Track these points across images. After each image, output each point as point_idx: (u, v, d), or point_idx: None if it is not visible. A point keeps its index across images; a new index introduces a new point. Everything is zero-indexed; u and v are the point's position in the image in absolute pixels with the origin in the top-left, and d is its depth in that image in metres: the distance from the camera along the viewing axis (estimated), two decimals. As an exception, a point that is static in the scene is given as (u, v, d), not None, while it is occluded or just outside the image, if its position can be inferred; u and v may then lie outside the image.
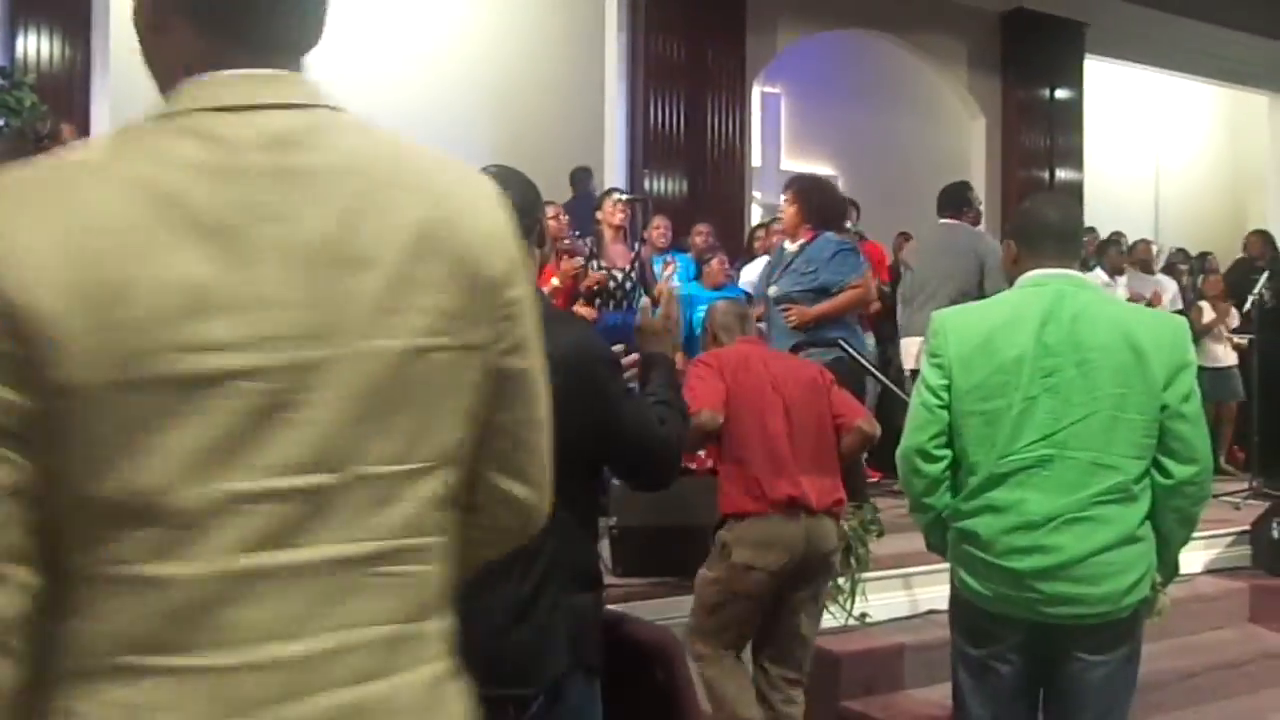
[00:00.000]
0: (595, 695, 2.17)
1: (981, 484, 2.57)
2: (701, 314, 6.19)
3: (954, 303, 5.43)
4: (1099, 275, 8.11)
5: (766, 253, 6.88)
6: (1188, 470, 2.51)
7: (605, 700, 2.20)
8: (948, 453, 2.63)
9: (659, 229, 6.89)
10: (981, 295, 5.59)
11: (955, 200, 6.18)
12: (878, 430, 3.85)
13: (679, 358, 3.11)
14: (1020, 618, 2.58)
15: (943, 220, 6.15)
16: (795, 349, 4.99)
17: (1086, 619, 2.52)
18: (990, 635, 2.63)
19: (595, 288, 5.81)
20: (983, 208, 6.63)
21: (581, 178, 7.96)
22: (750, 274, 7.01)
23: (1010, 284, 2.79)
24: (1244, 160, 14.05)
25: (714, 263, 6.65)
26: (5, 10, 6.93)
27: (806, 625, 3.61)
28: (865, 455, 6.35)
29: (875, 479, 6.47)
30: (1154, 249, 9.26)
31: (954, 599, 2.74)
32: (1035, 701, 2.67)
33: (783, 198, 5.32)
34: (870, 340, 7.24)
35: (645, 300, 2.53)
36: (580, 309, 5.68)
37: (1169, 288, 8.72)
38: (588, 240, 6.09)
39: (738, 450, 3.52)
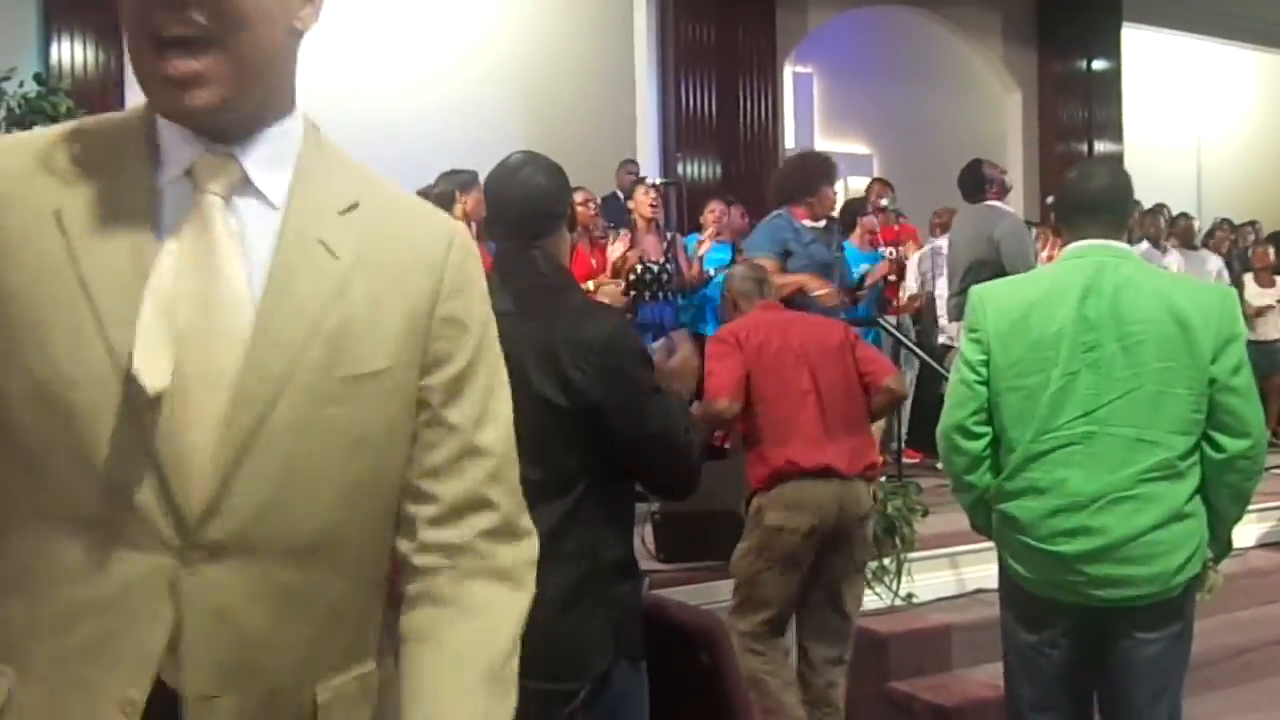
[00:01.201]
0: (641, 681, 2.17)
1: (1020, 462, 2.54)
2: None
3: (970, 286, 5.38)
4: (1151, 252, 7.89)
5: None
6: (1241, 444, 2.46)
7: (651, 685, 2.20)
8: (988, 430, 2.60)
9: (713, 212, 6.84)
10: (1003, 274, 5.55)
11: (972, 182, 6.12)
12: (905, 388, 3.80)
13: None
14: (1069, 602, 2.54)
15: (970, 204, 6.13)
16: None
17: (1136, 600, 2.49)
18: (1040, 621, 2.59)
19: (631, 276, 5.79)
20: (1009, 178, 6.51)
21: (628, 170, 7.92)
22: None
23: (1032, 258, 2.76)
24: (1290, 130, 13.78)
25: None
26: (40, 17, 7.01)
27: (848, 599, 3.58)
28: (905, 437, 6.35)
29: (915, 460, 6.43)
30: (1195, 225, 9.10)
31: (1004, 583, 2.71)
32: (1086, 681, 2.64)
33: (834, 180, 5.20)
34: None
35: (662, 342, 2.52)
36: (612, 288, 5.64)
37: (1213, 264, 8.56)
38: (622, 231, 6.07)
39: (766, 429, 3.50)
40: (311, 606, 1.07)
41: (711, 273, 6.24)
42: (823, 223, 5.09)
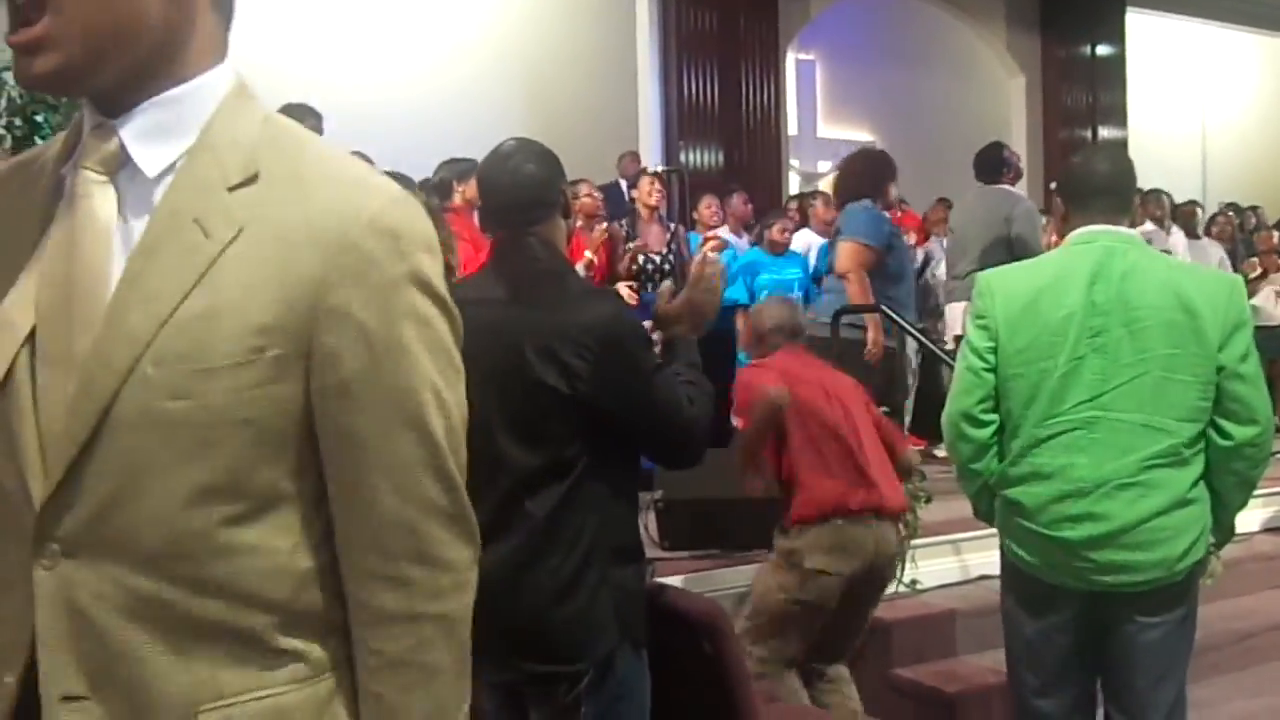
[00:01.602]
0: (644, 668, 2.17)
1: (1025, 447, 2.53)
2: (766, 279, 6.15)
3: (982, 268, 5.39)
4: (1155, 233, 7.80)
5: (827, 224, 6.82)
6: (1248, 432, 2.45)
7: (653, 672, 2.20)
8: (995, 417, 2.59)
9: (709, 207, 6.83)
10: (1013, 259, 5.53)
11: (991, 164, 6.10)
12: (917, 460, 3.89)
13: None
14: (1074, 588, 2.54)
15: (982, 185, 6.10)
16: (837, 316, 4.98)
17: (1141, 585, 2.48)
18: (1044, 607, 2.59)
19: (634, 267, 5.80)
20: (1023, 164, 6.51)
21: (631, 158, 7.89)
22: (798, 245, 6.95)
23: (1043, 243, 2.74)
24: (1295, 113, 13.72)
25: (775, 230, 6.58)
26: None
27: (858, 632, 3.64)
28: (909, 425, 6.35)
29: (920, 446, 6.42)
30: (1199, 213, 9.05)
31: (1005, 568, 2.71)
32: (1089, 666, 2.64)
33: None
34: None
35: (665, 284, 2.49)
36: (623, 289, 5.68)
37: (1214, 255, 8.50)
38: (622, 222, 6.07)
39: (809, 456, 3.41)
40: (178, 622, 0.98)
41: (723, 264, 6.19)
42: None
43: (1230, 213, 9.40)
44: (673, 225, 6.17)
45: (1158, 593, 2.50)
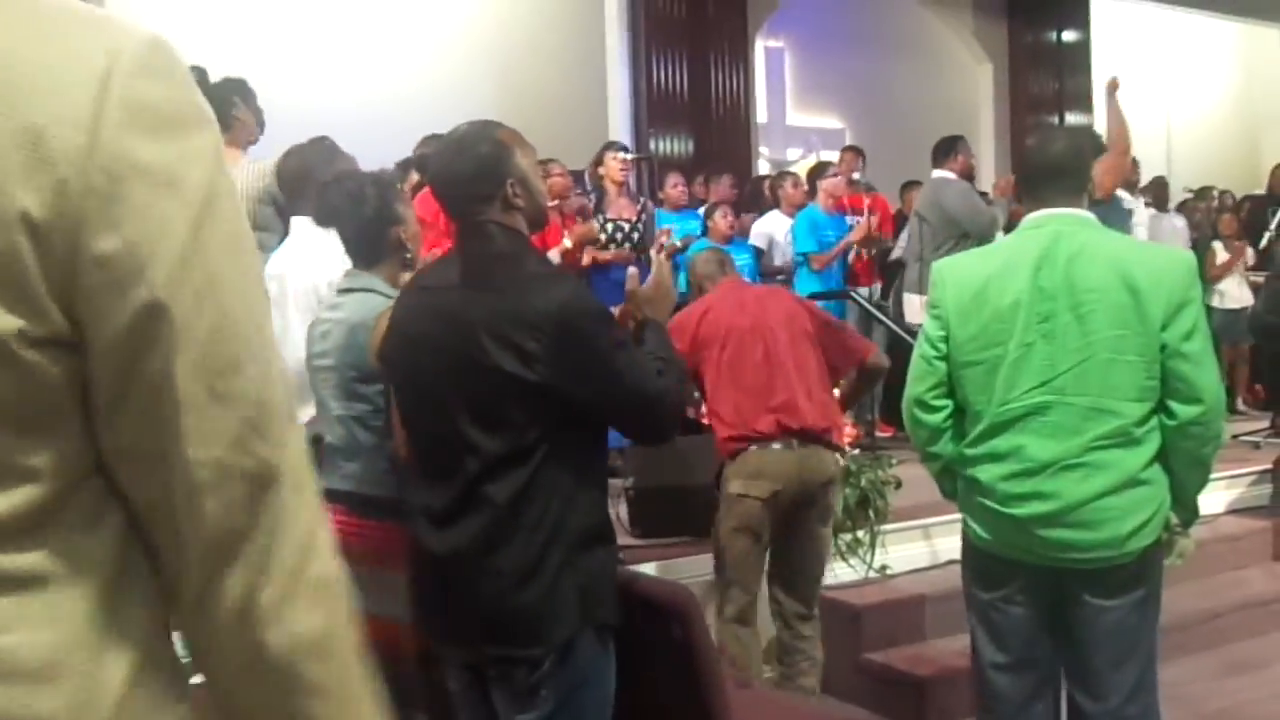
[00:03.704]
0: (608, 654, 2.17)
1: (983, 432, 2.57)
2: None
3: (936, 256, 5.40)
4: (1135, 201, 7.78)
5: (797, 206, 6.81)
6: (1192, 411, 2.46)
7: (622, 658, 2.20)
8: (948, 403, 2.64)
9: (676, 187, 6.81)
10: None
11: (942, 151, 6.12)
12: (885, 362, 3.88)
13: None
14: (1025, 561, 2.58)
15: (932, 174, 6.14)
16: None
17: (1089, 563, 2.52)
18: (998, 579, 2.64)
19: (604, 237, 5.77)
20: (991, 151, 6.50)
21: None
22: (765, 227, 6.93)
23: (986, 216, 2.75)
24: (1259, 99, 13.80)
25: (717, 217, 6.54)
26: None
27: (812, 560, 3.69)
28: (877, 411, 6.36)
29: (888, 434, 6.44)
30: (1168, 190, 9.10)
31: (964, 545, 2.75)
32: (1051, 647, 2.66)
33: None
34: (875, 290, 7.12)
35: (632, 270, 2.49)
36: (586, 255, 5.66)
37: (1178, 224, 8.55)
38: (590, 194, 6.02)
39: (719, 396, 3.61)
40: None
41: (679, 244, 6.15)
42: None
43: (1190, 195, 9.46)
44: (643, 199, 6.14)
45: (1111, 573, 2.52)
